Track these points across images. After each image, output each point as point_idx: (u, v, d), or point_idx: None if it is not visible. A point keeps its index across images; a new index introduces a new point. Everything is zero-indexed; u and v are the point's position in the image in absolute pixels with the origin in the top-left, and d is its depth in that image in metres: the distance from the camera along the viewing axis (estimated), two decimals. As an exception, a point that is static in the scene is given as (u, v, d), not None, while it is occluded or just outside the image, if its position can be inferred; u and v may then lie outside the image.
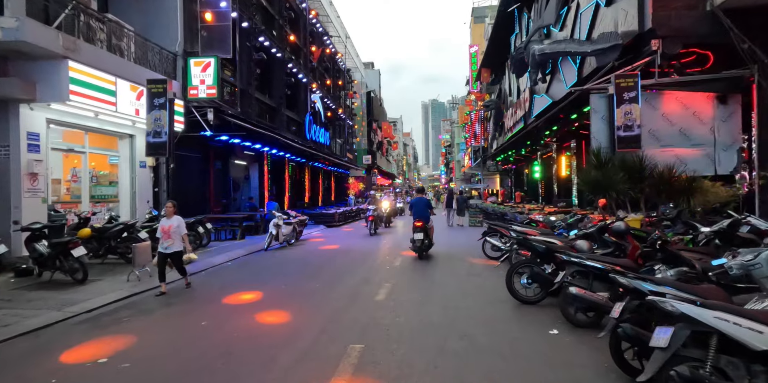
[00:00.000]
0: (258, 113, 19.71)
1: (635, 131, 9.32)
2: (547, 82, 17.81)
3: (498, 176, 45.84)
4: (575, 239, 6.38)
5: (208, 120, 12.70)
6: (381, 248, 12.62)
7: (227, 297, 6.79)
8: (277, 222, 12.61)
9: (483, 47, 37.93)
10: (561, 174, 23.03)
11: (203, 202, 16.46)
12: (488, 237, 9.96)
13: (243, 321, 5.50)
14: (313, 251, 12.44)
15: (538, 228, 9.39)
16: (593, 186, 8.78)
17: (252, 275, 8.71)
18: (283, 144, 19.50)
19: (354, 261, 10.26)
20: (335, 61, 33.00)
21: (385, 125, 54.65)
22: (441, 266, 9.38)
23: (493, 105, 30.63)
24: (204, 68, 12.61)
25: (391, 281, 7.80)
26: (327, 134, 29.27)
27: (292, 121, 23.61)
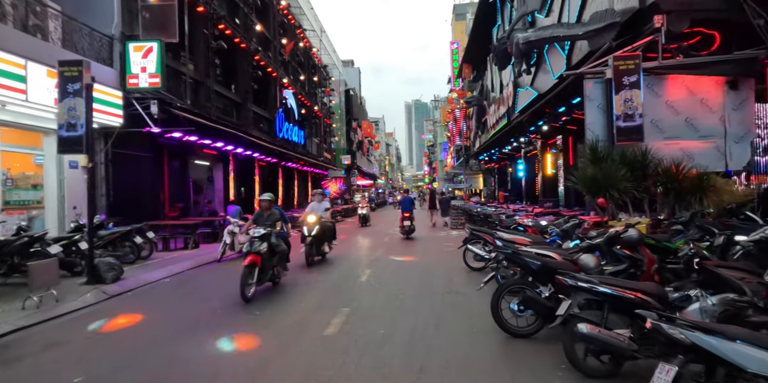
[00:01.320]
0: (221, 108, 18.09)
1: (637, 121, 8.09)
2: (532, 74, 16.62)
3: (481, 175, 44.81)
4: (578, 252, 5.06)
5: (151, 113, 11.09)
6: (348, 259, 11.17)
7: (123, 335, 5.28)
8: (232, 229, 11.09)
9: (464, 44, 36.87)
10: (546, 173, 21.91)
11: (156, 206, 14.80)
12: (470, 245, 8.62)
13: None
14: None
15: (527, 234, 8.08)
16: (590, 185, 7.51)
17: (183, 296, 7.19)
18: (249, 142, 17.93)
19: (317, 276, 8.80)
20: (310, 56, 31.45)
21: (365, 124, 53.22)
22: (416, 280, 7.99)
23: (475, 101, 29.49)
24: (145, 54, 11.01)
25: (352, 304, 6.39)
26: (302, 132, 27.72)
27: (261, 118, 22.02)
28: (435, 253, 11.53)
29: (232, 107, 19.16)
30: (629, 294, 3.73)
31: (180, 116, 11.61)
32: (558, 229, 7.31)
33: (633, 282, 3.93)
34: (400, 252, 11.64)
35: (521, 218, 9.16)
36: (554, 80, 13.79)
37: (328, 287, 7.54)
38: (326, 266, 9.77)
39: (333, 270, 9.21)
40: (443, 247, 12.55)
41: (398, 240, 14.69)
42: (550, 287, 4.71)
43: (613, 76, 8.10)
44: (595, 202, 10.94)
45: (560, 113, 14.18)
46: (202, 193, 18.61)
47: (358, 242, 14.78)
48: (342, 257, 11.12)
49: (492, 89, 26.22)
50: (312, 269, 9.39)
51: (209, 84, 15.48)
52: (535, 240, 7.47)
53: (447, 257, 10.50)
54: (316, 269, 9.37)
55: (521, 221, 8.90)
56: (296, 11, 28.10)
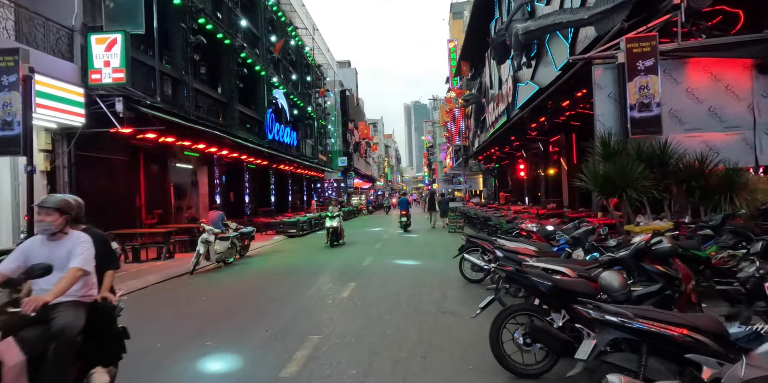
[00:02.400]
0: (205, 108, 17.14)
1: (653, 111, 7.11)
2: (532, 68, 15.64)
3: (481, 176, 43.80)
4: (596, 268, 4.06)
5: (116, 112, 10.12)
6: (333, 269, 10.16)
7: None
8: (206, 238, 10.09)
9: (462, 42, 35.97)
10: (549, 172, 20.92)
11: (131, 213, 13.83)
12: (467, 254, 7.61)
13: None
14: (252, 272, 9.95)
15: (532, 242, 7.08)
16: (603, 184, 6.51)
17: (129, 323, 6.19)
18: (235, 144, 16.97)
19: (294, 290, 7.80)
20: (302, 55, 30.51)
21: (362, 124, 52.28)
22: (405, 296, 6.98)
23: (473, 99, 28.51)
24: (109, 46, 10.04)
25: (324, 330, 5.39)
26: (294, 133, 26.77)
27: (248, 118, 21.06)
28: (429, 260, 10.52)
29: (218, 107, 18.21)
30: (675, 330, 2.73)
31: (149, 115, 10.63)
32: (567, 236, 6.31)
33: (678, 315, 2.92)
34: (390, 263, 10.63)
35: (524, 222, 8.14)
36: (557, 72, 12.82)
37: (300, 306, 6.53)
38: (304, 279, 8.77)
39: (311, 284, 8.20)
40: (438, 253, 11.55)
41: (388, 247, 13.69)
42: (564, 314, 3.71)
43: (626, 61, 7.13)
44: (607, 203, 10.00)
45: (563, 107, 13.20)
46: (185, 198, 17.62)
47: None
48: (325, 267, 10.13)
49: (491, 86, 25.25)
50: (288, 282, 8.40)
51: (188, 81, 14.52)
52: (542, 249, 6.48)
53: (441, 265, 9.50)
54: (293, 282, 8.38)
55: (524, 226, 7.90)
56: (287, 8, 27.18)
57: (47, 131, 9.99)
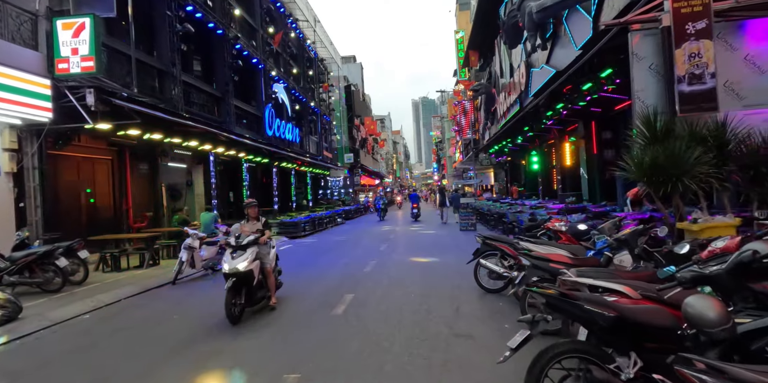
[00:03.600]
0: (198, 103, 16.14)
1: (707, 83, 5.86)
2: (548, 50, 14.34)
3: (492, 170, 42.40)
4: (672, 288, 2.87)
5: (87, 105, 9.11)
6: (330, 276, 9.06)
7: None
8: (190, 243, 9.05)
9: (469, 32, 34.63)
10: (565, 164, 19.56)
11: (117, 217, 12.88)
12: (483, 260, 6.46)
13: None
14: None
15: (561, 245, 5.90)
16: (651, 172, 5.29)
17: (87, 350, 5.15)
18: (231, 141, 15.95)
19: (281, 303, 6.71)
20: (304, 48, 29.42)
21: (368, 120, 51.10)
22: (409, 312, 5.84)
23: (483, 89, 27.19)
24: (76, 32, 9.02)
25: (307, 365, 4.29)
26: (296, 130, 25.72)
27: (246, 114, 20.03)
28: (439, 265, 9.38)
29: (212, 102, 17.20)
30: None
31: (126, 108, 9.60)
32: (608, 237, 5.11)
33: None
34: (396, 267, 9.50)
35: (551, 221, 6.93)
36: (577, 52, 11.54)
37: (283, 327, 5.44)
38: (295, 289, 7.67)
39: (301, 296, 7.11)
40: (449, 256, 10.40)
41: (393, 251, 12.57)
42: (636, 360, 2.55)
43: (672, 24, 5.88)
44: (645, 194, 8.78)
45: (584, 91, 11.91)
46: (180, 199, 16.66)
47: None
48: (318, 276, 9.04)
49: (501, 75, 23.92)
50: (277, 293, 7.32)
51: (176, 74, 13.49)
52: (576, 254, 5.30)
53: (454, 270, 8.35)
54: (282, 293, 7.29)
55: (551, 225, 6.69)
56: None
57: (12, 128, 9.02)
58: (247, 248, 5.95)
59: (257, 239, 6.11)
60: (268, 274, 6.32)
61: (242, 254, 5.88)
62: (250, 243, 6.01)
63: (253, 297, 6.04)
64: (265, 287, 6.33)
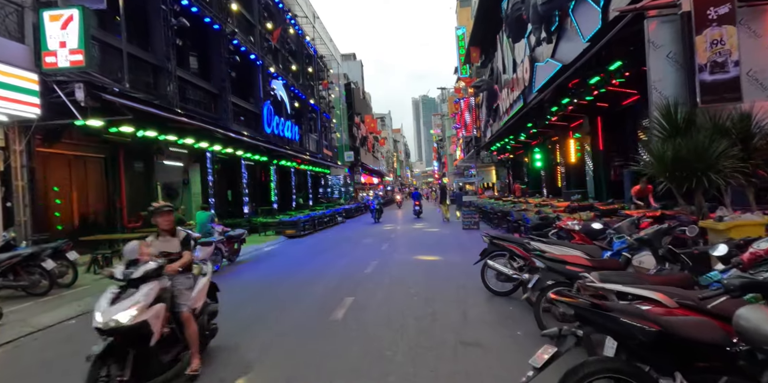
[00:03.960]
0: (195, 99, 15.80)
1: (730, 72, 5.51)
2: (553, 43, 13.97)
3: (494, 167, 42.07)
4: (719, 296, 2.51)
5: (76, 100, 8.76)
6: (329, 277, 8.71)
7: None
8: (183, 244, 8.67)
9: (470, 28, 34.25)
10: (570, 160, 19.19)
11: (111, 217, 12.54)
12: (491, 261, 6.11)
13: None
14: (234, 284, 8.54)
15: (575, 245, 5.56)
16: (674, 166, 4.93)
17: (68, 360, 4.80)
18: (228, 138, 15.61)
19: (277, 309, 6.38)
20: (303, 44, 29.04)
21: (368, 118, 50.72)
22: (413, 317, 5.50)
23: (484, 85, 26.82)
24: (64, 24, 8.67)
25: (308, 368, 3.94)
26: (296, 127, 25.37)
27: (244, 111, 19.69)
28: (443, 265, 9.03)
29: (208, 98, 16.86)
30: None
31: (117, 104, 9.24)
32: (628, 237, 4.75)
33: None
34: (398, 268, 9.16)
35: (563, 219, 6.56)
36: (584, 44, 11.17)
37: (278, 335, 5.10)
38: (292, 293, 7.34)
39: (299, 300, 6.77)
40: (453, 255, 10.06)
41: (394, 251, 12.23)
42: (682, 381, 2.20)
43: (692, 8, 5.52)
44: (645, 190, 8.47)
45: (591, 85, 11.56)
46: (177, 198, 16.32)
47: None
48: (316, 278, 8.70)
49: (504, 71, 23.54)
50: (273, 297, 6.98)
51: (171, 69, 13.13)
52: (592, 255, 4.96)
53: (459, 270, 8.01)
54: (279, 297, 6.95)
55: (564, 224, 6.33)
56: (284, -5, 25.70)
57: (-2, 125, 8.69)
58: (142, 285, 3.48)
59: (161, 269, 3.65)
60: (186, 322, 3.81)
61: (131, 294, 3.44)
62: (149, 275, 3.53)
63: (151, 365, 3.51)
64: (180, 343, 3.83)
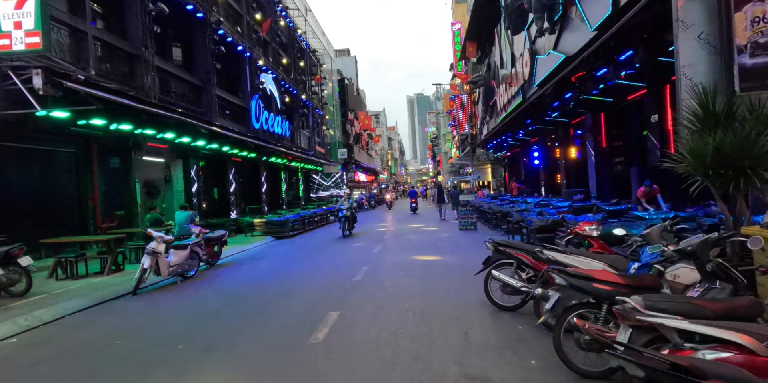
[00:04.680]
0: (178, 92, 14.92)
1: (775, 55, 4.75)
2: (555, 34, 13.22)
3: (489, 166, 41.40)
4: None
5: (34, 88, 7.88)
6: (314, 286, 7.92)
7: None
8: (154, 247, 7.85)
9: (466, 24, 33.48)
10: (570, 158, 18.52)
11: (83, 216, 11.66)
12: (495, 271, 5.35)
13: None
14: (210, 291, 7.73)
15: (593, 254, 4.81)
16: (716, 163, 4.17)
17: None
18: (213, 133, 14.73)
19: (251, 324, 5.58)
20: (295, 37, 28.12)
21: (362, 114, 49.82)
22: (407, 339, 4.73)
23: (482, 81, 26.05)
24: (19, 4, 7.78)
25: None
26: (287, 123, 24.50)
27: (230, 105, 18.80)
28: (441, 271, 8.26)
29: (192, 91, 15.97)
30: None
31: (82, 93, 8.37)
32: (665, 247, 3.99)
33: None
34: (391, 275, 8.38)
35: (579, 224, 5.78)
36: (592, 33, 10.42)
37: (244, 360, 4.31)
38: (271, 304, 6.55)
39: (276, 314, 5.98)
40: (451, 259, 9.30)
41: (387, 255, 11.46)
42: None
43: (731, -19, 4.76)
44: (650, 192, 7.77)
45: (598, 78, 10.82)
46: (159, 197, 15.46)
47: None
48: (299, 287, 7.91)
49: (501, 66, 22.79)
50: (249, 309, 6.18)
51: (149, 58, 12.24)
52: (617, 265, 4.24)
53: (458, 279, 7.25)
54: (255, 310, 6.16)
55: (580, 230, 5.55)
56: (274, -14, 24.78)
57: (-55, 115, 7.81)
58: None
59: None
60: None
61: None
62: None
63: None
64: None
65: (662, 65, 10.04)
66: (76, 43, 10.04)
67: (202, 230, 9.78)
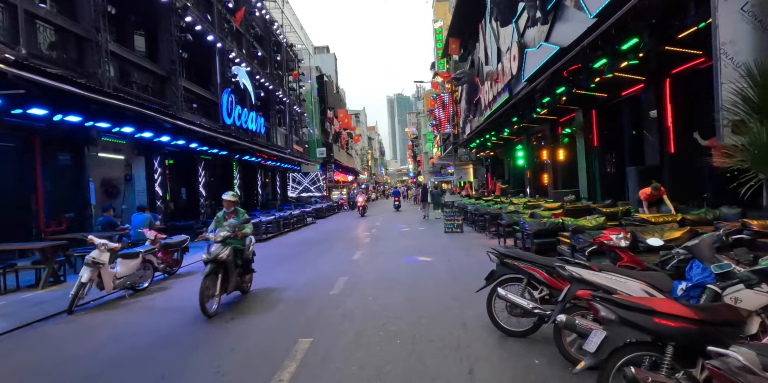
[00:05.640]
0: (138, 82, 13.62)
1: (838, 29, 3.94)
2: (548, 24, 12.44)
3: (471, 166, 40.85)
4: None
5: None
6: (283, 305, 6.88)
7: None
8: (95, 257, 6.67)
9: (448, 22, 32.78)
10: (558, 157, 17.86)
11: (24, 220, 10.31)
12: (502, 289, 4.42)
13: None
14: (161, 308, 6.60)
15: (628, 270, 3.93)
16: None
17: None
18: (178, 128, 13.47)
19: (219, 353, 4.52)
20: (271, 31, 26.86)
21: (341, 113, 48.68)
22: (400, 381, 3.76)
23: (465, 77, 25.31)
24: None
25: None
26: (262, 120, 23.24)
27: (199, 98, 17.52)
28: (431, 284, 7.31)
29: (156, 82, 14.67)
30: None
31: (9, 75, 7.11)
32: (737, 266, 3.12)
33: None
34: (373, 289, 7.39)
35: (605, 232, 4.85)
36: (591, 20, 9.61)
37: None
38: (229, 329, 5.49)
39: (234, 345, 4.93)
40: (441, 268, 8.36)
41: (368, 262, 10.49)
42: None
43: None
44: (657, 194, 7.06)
45: (595, 70, 10.07)
46: (118, 197, 14.11)
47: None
48: (265, 307, 6.88)
49: (486, 62, 22.03)
50: (201, 335, 5.11)
51: (101, 42, 10.96)
52: (659, 285, 3.34)
53: (451, 294, 6.32)
54: (208, 336, 5.09)
55: (605, 239, 4.63)
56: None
57: None
58: None
59: None
60: None
61: None
62: None
63: None
64: None
65: (666, 56, 9.38)
66: (27, 26, 8.72)
67: (159, 236, 8.61)
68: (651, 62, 9.62)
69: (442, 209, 18.16)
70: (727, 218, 7.77)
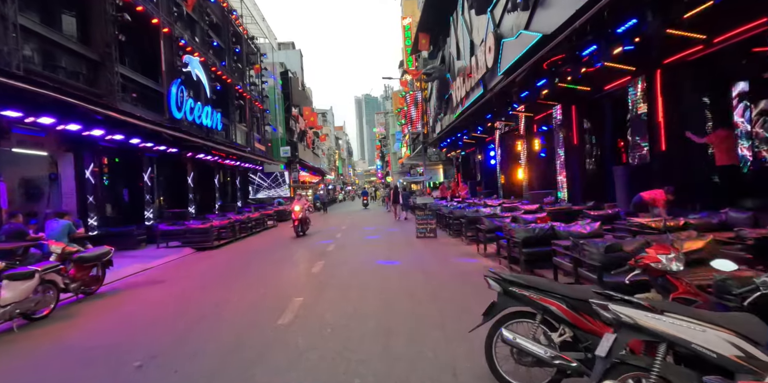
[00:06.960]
0: (65, 68, 11.77)
1: None
2: (529, 10, 11.45)
3: (441, 166, 40.06)
4: None
5: None
6: (217, 336, 5.45)
7: None
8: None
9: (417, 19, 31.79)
10: (534, 157, 17.01)
11: None
12: (507, 331, 3.19)
13: None
14: (63, 350, 5.05)
15: (693, 309, 2.74)
16: None
17: None
18: (114, 121, 11.69)
19: None
20: (229, 20, 25.00)
21: (307, 110, 46.90)
22: None
23: (436, 73, 24.30)
24: None
25: None
26: (218, 115, 21.40)
27: (142, 88, 15.65)
28: (405, 305, 6.03)
29: (88, 67, 12.80)
30: None
31: None
32: None
33: None
34: (333, 316, 6.05)
35: (649, 252, 3.58)
36: (579, 2, 8.63)
37: None
38: (149, 373, 4.03)
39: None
40: (416, 283, 7.11)
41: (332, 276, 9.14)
42: None
43: None
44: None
45: (583, 58, 9.08)
46: (41, 200, 12.18)
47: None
48: (204, 331, 5.45)
49: (458, 56, 21.05)
50: None
51: (8, 15, 9.14)
52: (750, 334, 2.13)
53: (432, 321, 5.06)
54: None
55: (652, 261, 3.35)
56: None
57: None
58: None
59: None
60: None
61: None
62: None
63: None
64: None
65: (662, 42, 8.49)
66: None
67: (68, 248, 6.97)
68: (644, 50, 8.69)
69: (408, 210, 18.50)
70: (738, 223, 6.91)
